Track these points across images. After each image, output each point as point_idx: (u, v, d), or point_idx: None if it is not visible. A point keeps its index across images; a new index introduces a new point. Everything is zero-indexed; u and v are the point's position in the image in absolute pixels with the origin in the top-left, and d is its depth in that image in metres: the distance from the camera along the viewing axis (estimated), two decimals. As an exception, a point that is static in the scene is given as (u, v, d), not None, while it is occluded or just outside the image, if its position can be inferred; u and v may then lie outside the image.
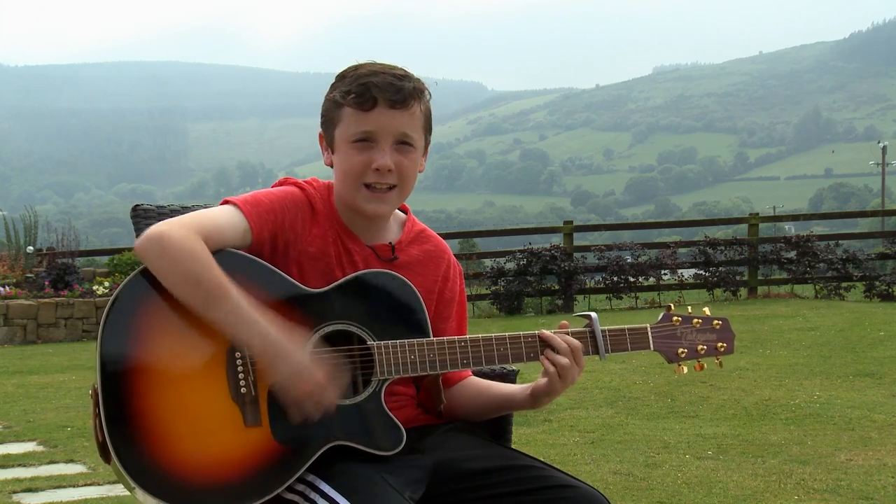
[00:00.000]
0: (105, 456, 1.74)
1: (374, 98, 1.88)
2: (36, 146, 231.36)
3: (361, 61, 1.96)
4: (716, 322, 2.07)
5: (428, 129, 1.99)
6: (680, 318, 2.05)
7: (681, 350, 2.03)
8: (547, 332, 1.96)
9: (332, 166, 1.98)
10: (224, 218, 1.84)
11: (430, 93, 1.96)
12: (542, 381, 1.95)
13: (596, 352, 1.98)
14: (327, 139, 1.98)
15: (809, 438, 4.94)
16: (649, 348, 2.02)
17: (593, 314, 1.99)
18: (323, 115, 1.98)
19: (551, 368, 1.92)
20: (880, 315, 10.38)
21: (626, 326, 2.00)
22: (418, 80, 1.94)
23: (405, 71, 1.93)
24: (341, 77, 1.94)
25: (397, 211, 2.07)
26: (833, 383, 6.47)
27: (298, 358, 1.76)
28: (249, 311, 1.75)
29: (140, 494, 1.69)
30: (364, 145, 1.90)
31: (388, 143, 1.90)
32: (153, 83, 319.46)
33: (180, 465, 1.71)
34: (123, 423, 1.70)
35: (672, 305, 2.08)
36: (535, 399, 1.98)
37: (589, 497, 1.84)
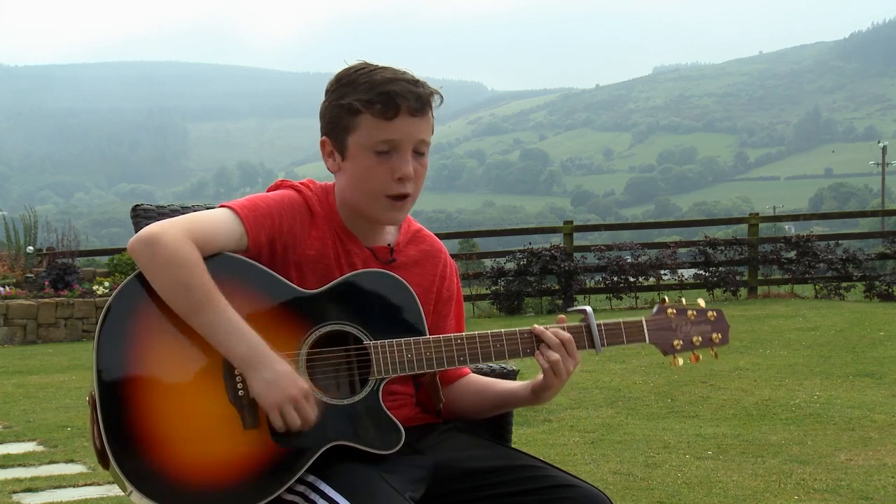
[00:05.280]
0: (104, 462, 1.74)
1: (398, 106, 1.85)
2: (35, 146, 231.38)
3: (355, 62, 1.93)
4: (710, 313, 2.07)
5: (432, 131, 1.99)
6: (675, 311, 2.04)
7: (676, 342, 2.03)
8: (539, 328, 1.95)
9: (335, 171, 1.95)
10: (220, 222, 1.83)
11: (441, 97, 1.95)
12: (540, 377, 1.96)
13: (592, 346, 1.97)
14: (337, 145, 1.92)
15: (809, 438, 4.94)
16: (645, 341, 2.01)
17: (588, 308, 1.98)
18: (331, 121, 1.92)
19: (545, 364, 1.93)
20: (880, 315, 10.38)
21: (621, 320, 2.00)
22: (427, 84, 1.92)
23: (414, 75, 1.91)
24: (349, 82, 1.89)
25: None
26: (833, 383, 6.47)
27: (282, 367, 1.76)
28: (236, 319, 1.75)
29: (138, 499, 1.69)
30: (385, 156, 1.88)
31: (408, 150, 1.89)
32: (153, 83, 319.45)
33: (179, 469, 1.70)
34: (122, 429, 1.70)
35: (666, 298, 2.07)
36: (536, 395, 1.98)
37: (590, 496, 1.83)
